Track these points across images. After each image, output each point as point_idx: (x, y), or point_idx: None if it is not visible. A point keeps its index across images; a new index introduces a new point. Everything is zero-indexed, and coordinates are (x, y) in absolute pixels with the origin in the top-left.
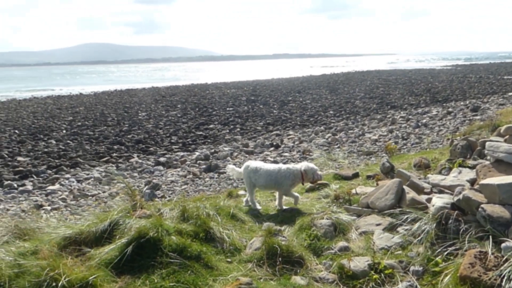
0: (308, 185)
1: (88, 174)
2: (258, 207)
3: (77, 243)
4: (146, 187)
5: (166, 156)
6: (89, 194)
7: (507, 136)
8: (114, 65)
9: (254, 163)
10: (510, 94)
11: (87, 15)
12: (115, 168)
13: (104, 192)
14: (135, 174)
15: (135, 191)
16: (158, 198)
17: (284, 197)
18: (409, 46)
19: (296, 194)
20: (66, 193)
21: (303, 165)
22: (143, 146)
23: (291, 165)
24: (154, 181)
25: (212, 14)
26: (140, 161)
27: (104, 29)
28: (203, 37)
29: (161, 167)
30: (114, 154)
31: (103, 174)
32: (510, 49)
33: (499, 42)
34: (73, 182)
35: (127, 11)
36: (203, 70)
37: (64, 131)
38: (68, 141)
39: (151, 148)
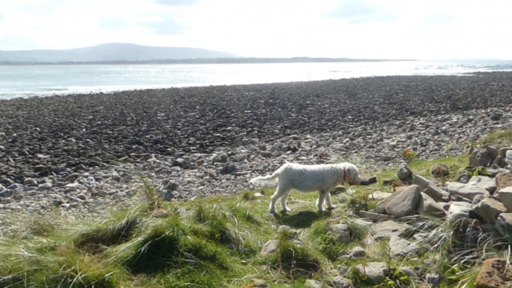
0: None
1: (106, 173)
2: (288, 208)
3: (94, 240)
4: (163, 186)
5: (184, 156)
6: (107, 192)
7: None
8: (134, 65)
9: (297, 165)
10: None
11: (109, 15)
12: (133, 167)
13: (122, 190)
14: (153, 174)
15: (153, 190)
16: (175, 198)
17: (300, 201)
18: (430, 52)
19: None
20: (85, 190)
21: (346, 165)
22: (161, 146)
23: (334, 164)
24: (171, 181)
25: (232, 15)
26: (157, 161)
27: (126, 29)
28: (223, 38)
29: (178, 168)
30: (133, 154)
31: (121, 173)
32: None
33: None
34: (92, 180)
35: (148, 11)
36: (222, 72)
37: (84, 130)
38: (88, 140)
39: (169, 149)
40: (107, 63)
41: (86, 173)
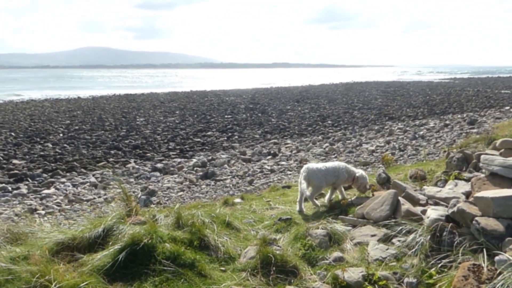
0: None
1: (84, 179)
2: (318, 203)
3: (70, 248)
4: (142, 193)
5: (163, 162)
6: (84, 199)
7: (502, 150)
8: (113, 70)
9: (316, 164)
10: (507, 108)
11: (88, 18)
12: (111, 173)
13: (99, 197)
14: (132, 180)
15: (130, 197)
16: (154, 204)
17: (280, 207)
18: (408, 59)
19: None
20: (61, 197)
21: (359, 171)
22: (140, 151)
23: (349, 166)
24: (150, 187)
25: (213, 21)
26: (137, 166)
27: (105, 33)
28: (203, 44)
29: (157, 173)
30: (111, 159)
31: (99, 179)
32: (508, 63)
33: (497, 57)
34: (69, 186)
35: (128, 16)
36: (202, 77)
37: (61, 135)
38: (65, 145)
39: (148, 154)
40: (85, 67)
41: (63, 179)
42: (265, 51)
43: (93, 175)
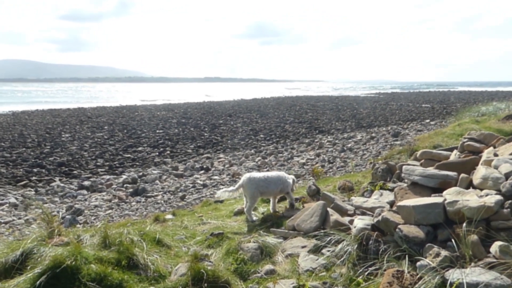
0: (236, 208)
1: (2, 200)
2: (254, 218)
3: None
4: (67, 212)
5: (91, 179)
6: (3, 221)
7: (422, 160)
8: (36, 83)
9: (258, 174)
10: (427, 121)
11: (7, 29)
12: (33, 192)
13: (19, 218)
14: (56, 199)
15: (53, 217)
16: (80, 224)
17: (212, 222)
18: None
19: None
20: None
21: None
22: (66, 169)
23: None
24: (76, 206)
25: (143, 34)
26: (62, 185)
27: (26, 45)
28: (133, 57)
29: (85, 191)
30: (34, 178)
31: (20, 199)
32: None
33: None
34: None
35: (51, 27)
36: (132, 91)
37: None
38: None
39: (75, 171)
40: (5, 80)
41: None
42: (197, 65)
43: (13, 195)
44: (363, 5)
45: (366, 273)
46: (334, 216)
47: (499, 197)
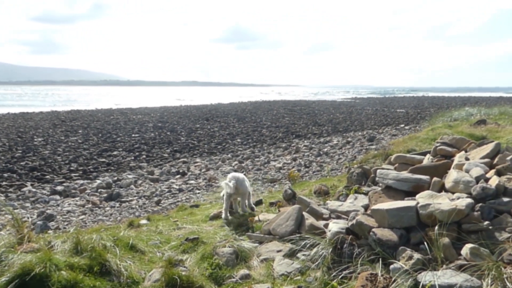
0: (212, 213)
1: None
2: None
3: None
4: (39, 218)
5: (64, 184)
6: None
7: (396, 164)
8: (7, 86)
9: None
10: (401, 125)
11: None
12: (3, 198)
13: None
14: (27, 204)
15: (24, 223)
16: (52, 230)
17: (188, 226)
18: (314, 78)
19: None
20: None
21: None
22: (38, 173)
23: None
24: (48, 211)
25: (118, 37)
26: (33, 190)
27: None
28: (109, 60)
29: (57, 196)
30: (4, 183)
31: None
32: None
33: (393, 78)
34: None
35: (23, 29)
36: (107, 95)
37: None
38: None
39: (48, 176)
40: None
41: None
42: (174, 69)
43: None
44: (339, 11)
45: (341, 277)
46: (310, 220)
47: (470, 200)
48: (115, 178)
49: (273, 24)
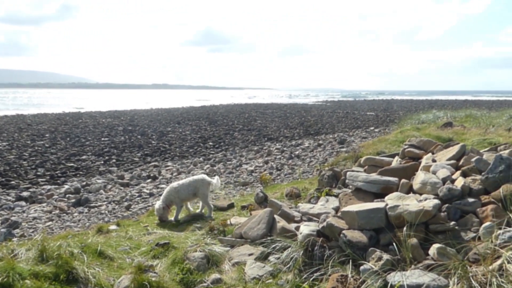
0: (183, 217)
1: None
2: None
3: None
4: (2, 225)
5: (31, 190)
6: None
7: (366, 167)
8: None
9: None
10: (371, 128)
11: None
12: None
13: None
14: None
15: None
16: (17, 237)
17: (159, 231)
18: (285, 82)
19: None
20: None
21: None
22: (3, 179)
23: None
24: (13, 218)
25: (87, 39)
26: None
27: None
28: (77, 63)
29: (23, 203)
30: None
31: None
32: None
33: (363, 81)
34: None
35: None
36: (76, 98)
37: None
38: None
39: (13, 182)
40: None
41: None
42: (144, 72)
43: None
44: (312, 15)
45: (312, 279)
46: (281, 223)
47: (436, 201)
48: (84, 183)
49: (245, 28)
